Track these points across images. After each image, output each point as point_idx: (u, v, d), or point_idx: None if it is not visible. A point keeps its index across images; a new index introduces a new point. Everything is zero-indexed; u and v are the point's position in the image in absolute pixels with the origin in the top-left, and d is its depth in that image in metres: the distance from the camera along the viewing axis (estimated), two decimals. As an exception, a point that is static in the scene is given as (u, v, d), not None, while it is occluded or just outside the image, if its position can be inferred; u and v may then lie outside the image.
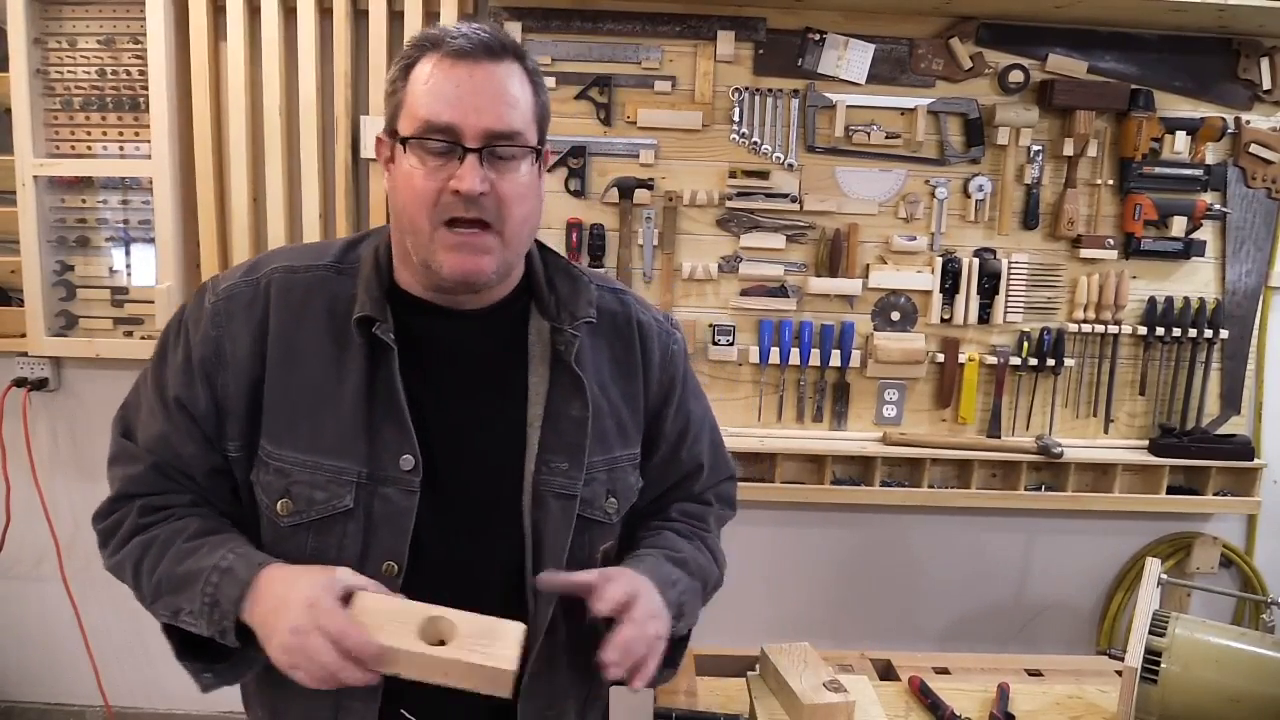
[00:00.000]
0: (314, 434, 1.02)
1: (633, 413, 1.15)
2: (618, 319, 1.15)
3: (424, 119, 0.96)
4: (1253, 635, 1.37)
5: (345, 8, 2.17)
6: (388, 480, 1.01)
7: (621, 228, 2.29)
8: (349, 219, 2.27)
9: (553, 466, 1.06)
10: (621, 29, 2.24)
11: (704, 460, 1.24)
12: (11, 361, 2.40)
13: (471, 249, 0.98)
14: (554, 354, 1.08)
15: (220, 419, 1.04)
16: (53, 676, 2.63)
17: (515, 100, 0.98)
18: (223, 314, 1.04)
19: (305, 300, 1.04)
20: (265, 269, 1.06)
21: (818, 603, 2.53)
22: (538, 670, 1.07)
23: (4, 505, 2.47)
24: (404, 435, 1.01)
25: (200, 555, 0.99)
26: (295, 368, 1.03)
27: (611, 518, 1.12)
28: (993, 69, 2.27)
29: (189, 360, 1.04)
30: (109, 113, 2.25)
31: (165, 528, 1.04)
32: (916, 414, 2.40)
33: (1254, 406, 2.45)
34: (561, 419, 1.07)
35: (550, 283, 1.11)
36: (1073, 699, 1.51)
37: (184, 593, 0.98)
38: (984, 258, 2.32)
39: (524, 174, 1.00)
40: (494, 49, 0.97)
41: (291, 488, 1.01)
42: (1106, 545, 2.54)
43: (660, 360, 1.18)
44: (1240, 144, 2.32)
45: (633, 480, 1.16)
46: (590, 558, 1.11)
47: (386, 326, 1.02)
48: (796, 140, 2.29)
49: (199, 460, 1.05)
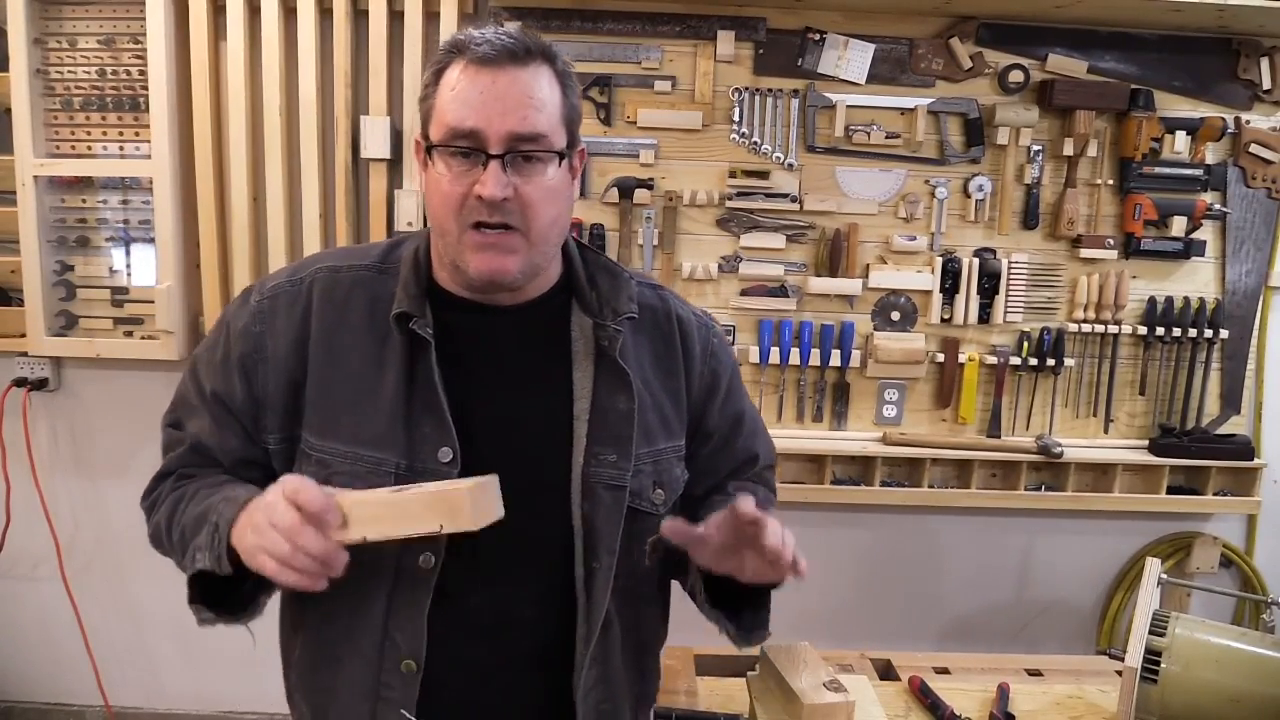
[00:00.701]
0: (355, 427, 1.05)
1: (675, 406, 1.17)
2: (658, 314, 1.17)
3: (449, 125, 0.99)
4: (1253, 635, 1.37)
5: (345, 8, 2.17)
6: (426, 472, 1.03)
7: (621, 228, 2.29)
8: (349, 219, 2.27)
9: (601, 458, 1.08)
10: (621, 29, 2.24)
11: (758, 451, 1.26)
12: (11, 361, 2.40)
13: (497, 250, 1.01)
14: (598, 349, 1.10)
15: (258, 412, 1.08)
16: (53, 676, 2.62)
17: (540, 103, 1.00)
18: (266, 312, 1.08)
19: (348, 299, 1.08)
20: (310, 269, 1.11)
21: (818, 603, 2.53)
22: (594, 666, 1.09)
23: (4, 505, 2.47)
24: (442, 428, 1.04)
25: (216, 494, 1.03)
26: (337, 363, 1.06)
27: (659, 509, 1.14)
28: (993, 69, 2.27)
29: (228, 356, 1.08)
30: (109, 113, 2.25)
31: (192, 486, 1.08)
32: (916, 414, 2.40)
33: (1254, 406, 2.45)
34: (609, 412, 1.09)
35: (591, 279, 1.13)
36: (1073, 699, 1.52)
37: (200, 531, 1.00)
38: (984, 258, 2.32)
39: (550, 176, 1.02)
40: (519, 53, 0.99)
41: (332, 478, 1.03)
42: (1106, 545, 2.54)
43: (701, 354, 1.20)
44: (1240, 144, 2.32)
45: (678, 472, 1.17)
46: (639, 549, 1.12)
47: (423, 322, 1.04)
48: (796, 140, 2.29)
49: (234, 451, 1.09)
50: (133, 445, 2.46)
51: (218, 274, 2.27)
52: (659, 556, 1.16)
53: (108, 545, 2.53)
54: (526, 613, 1.09)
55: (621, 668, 1.13)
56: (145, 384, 2.41)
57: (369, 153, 2.22)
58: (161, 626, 2.57)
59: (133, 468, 2.47)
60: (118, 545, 2.53)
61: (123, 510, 2.50)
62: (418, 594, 1.04)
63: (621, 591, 1.10)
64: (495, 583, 1.07)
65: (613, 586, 1.09)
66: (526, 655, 1.09)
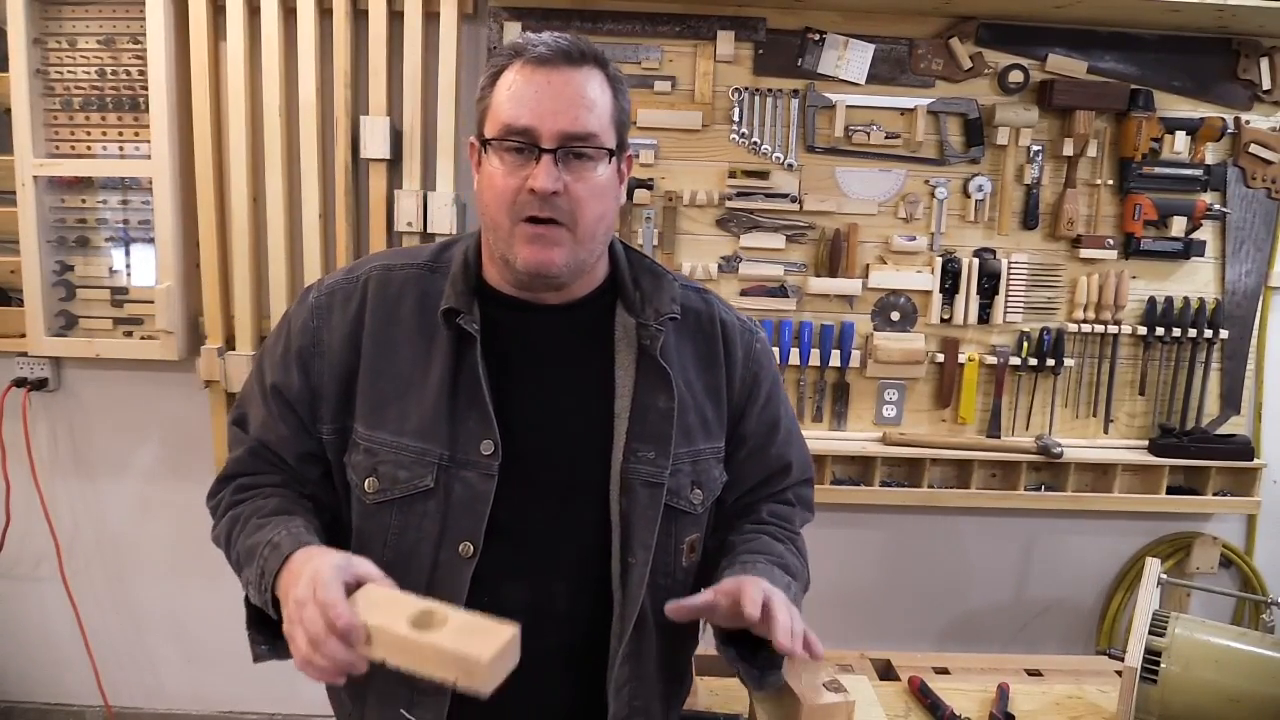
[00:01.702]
0: (401, 418, 1.08)
1: (716, 407, 1.18)
2: (701, 317, 1.20)
3: (504, 122, 1.03)
4: (1253, 635, 1.37)
5: (345, 8, 2.17)
6: (468, 464, 1.07)
7: (621, 228, 2.29)
8: (348, 219, 2.27)
9: (640, 455, 1.10)
10: (621, 29, 2.24)
11: (792, 459, 1.27)
12: (11, 361, 2.39)
13: (545, 242, 1.04)
14: (640, 348, 1.12)
15: (314, 404, 1.12)
16: (53, 676, 2.62)
17: (592, 104, 1.03)
18: (323, 307, 1.13)
19: (400, 296, 1.12)
20: (365, 268, 1.15)
21: (818, 602, 2.51)
22: (627, 662, 1.10)
23: (4, 505, 2.47)
24: (485, 421, 1.07)
25: (265, 530, 1.04)
26: (388, 357, 1.10)
27: (697, 508, 1.16)
28: (992, 69, 2.27)
29: (288, 351, 1.13)
30: (109, 113, 2.25)
31: (249, 505, 1.11)
32: (916, 414, 2.40)
33: (1254, 406, 2.45)
34: (649, 410, 1.11)
35: (635, 280, 1.16)
36: (1073, 699, 1.51)
37: (250, 565, 1.03)
38: (984, 258, 2.32)
39: (600, 175, 1.05)
40: (573, 56, 1.03)
41: (378, 467, 1.08)
42: (1106, 545, 2.54)
43: (743, 358, 1.21)
44: (1240, 144, 2.32)
45: (717, 474, 1.19)
46: (677, 548, 1.15)
47: (470, 318, 1.08)
48: (796, 140, 2.29)
49: (292, 443, 1.12)
50: (132, 445, 2.46)
51: (217, 274, 2.27)
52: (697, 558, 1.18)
53: (107, 545, 2.53)
54: (561, 606, 1.11)
55: (654, 667, 1.14)
56: (145, 384, 2.41)
57: (369, 153, 2.22)
58: (161, 626, 2.57)
59: (133, 468, 2.47)
60: (117, 545, 2.53)
61: (122, 510, 2.50)
62: (456, 583, 1.06)
63: (658, 590, 1.11)
64: (532, 575, 1.09)
65: (649, 585, 1.10)
66: (561, 649, 1.10)
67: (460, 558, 1.06)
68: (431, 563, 1.07)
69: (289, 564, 0.98)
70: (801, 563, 1.23)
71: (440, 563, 1.07)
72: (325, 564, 0.93)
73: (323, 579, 0.91)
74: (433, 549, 1.07)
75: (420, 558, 1.07)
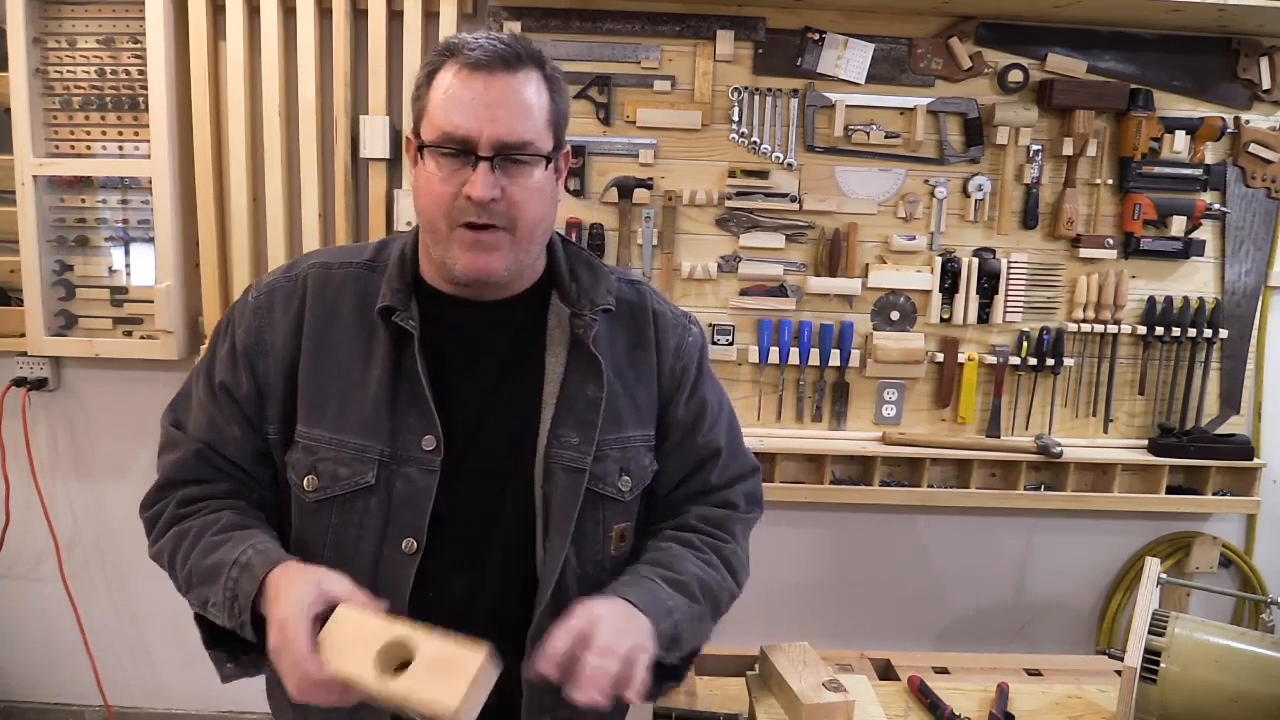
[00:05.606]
0: (341, 414, 1.08)
1: (646, 397, 1.19)
2: (634, 308, 1.20)
3: (440, 128, 1.02)
4: (1252, 635, 1.37)
5: (345, 8, 2.17)
6: (409, 460, 1.07)
7: (621, 227, 2.29)
8: (348, 219, 2.27)
9: (563, 441, 1.11)
10: (621, 28, 2.24)
11: (720, 445, 1.25)
12: (11, 361, 2.39)
13: (483, 248, 1.04)
14: (572, 337, 1.13)
15: (261, 402, 1.11)
16: (52, 676, 2.62)
17: (529, 110, 1.03)
18: (264, 306, 1.13)
19: (339, 295, 1.12)
20: (303, 266, 1.15)
21: (817, 602, 2.53)
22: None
23: (4, 505, 2.47)
24: (426, 417, 1.07)
25: (225, 549, 1.03)
26: (327, 355, 1.10)
27: (625, 495, 1.16)
28: (992, 69, 2.27)
29: (233, 349, 1.12)
30: (109, 113, 2.25)
31: (198, 520, 1.09)
32: (916, 414, 2.40)
33: (1253, 406, 2.45)
34: (576, 398, 1.12)
35: (572, 272, 1.17)
36: (1072, 699, 1.52)
37: (210, 585, 1.02)
38: (983, 257, 2.32)
39: (536, 179, 1.05)
40: (509, 59, 1.02)
41: (318, 464, 1.08)
42: (1106, 545, 2.54)
43: (675, 349, 1.22)
44: (1240, 144, 2.32)
45: (646, 462, 1.19)
46: (605, 536, 1.15)
47: (407, 315, 1.08)
48: (796, 140, 2.29)
49: (241, 443, 1.12)
50: (132, 445, 2.46)
51: (217, 274, 2.27)
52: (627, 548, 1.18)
53: (107, 545, 2.53)
54: (495, 596, 1.11)
55: None
56: (145, 384, 2.41)
57: (368, 152, 2.22)
58: (161, 626, 2.57)
59: (132, 468, 2.47)
60: (117, 545, 2.53)
61: (122, 510, 2.50)
62: (399, 580, 1.06)
63: (587, 580, 1.12)
64: (471, 568, 1.10)
65: (579, 574, 1.11)
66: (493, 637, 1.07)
67: (403, 554, 1.06)
68: (374, 561, 1.07)
69: (267, 587, 0.97)
70: (723, 576, 1.18)
71: (383, 560, 1.07)
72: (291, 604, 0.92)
73: (288, 631, 0.91)
74: (375, 547, 1.07)
75: (362, 556, 1.07)
